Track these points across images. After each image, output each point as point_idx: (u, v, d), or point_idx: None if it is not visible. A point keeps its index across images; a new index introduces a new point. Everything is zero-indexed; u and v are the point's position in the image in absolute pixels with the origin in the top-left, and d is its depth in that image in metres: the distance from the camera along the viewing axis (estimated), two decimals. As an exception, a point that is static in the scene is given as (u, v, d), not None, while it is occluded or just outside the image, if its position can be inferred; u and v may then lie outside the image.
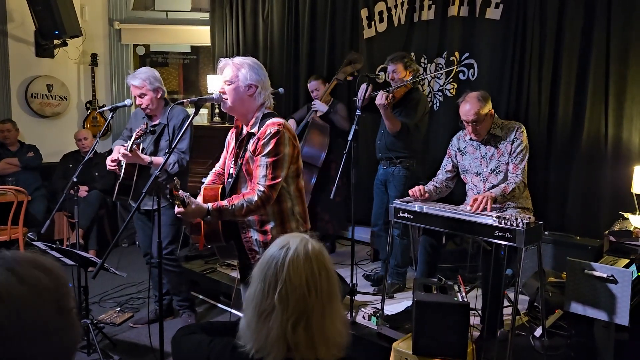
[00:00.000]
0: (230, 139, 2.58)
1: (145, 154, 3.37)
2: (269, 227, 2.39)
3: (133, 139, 3.23)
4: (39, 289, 0.78)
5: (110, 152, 6.21)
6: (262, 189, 2.27)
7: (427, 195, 3.10)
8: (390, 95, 3.60)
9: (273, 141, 2.27)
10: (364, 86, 3.67)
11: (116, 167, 3.37)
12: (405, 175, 3.78)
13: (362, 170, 4.76)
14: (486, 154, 3.14)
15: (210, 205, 2.25)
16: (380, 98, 3.56)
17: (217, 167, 2.67)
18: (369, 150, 4.74)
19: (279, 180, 2.29)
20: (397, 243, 3.76)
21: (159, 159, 3.34)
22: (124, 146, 3.30)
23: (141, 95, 3.39)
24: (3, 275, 0.78)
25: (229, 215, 2.29)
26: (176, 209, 2.22)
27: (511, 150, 3.05)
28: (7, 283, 0.77)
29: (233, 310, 3.91)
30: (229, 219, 2.33)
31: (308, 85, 4.78)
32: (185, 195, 2.19)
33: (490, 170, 3.12)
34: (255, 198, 2.26)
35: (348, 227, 5.24)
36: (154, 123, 3.48)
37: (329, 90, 4.61)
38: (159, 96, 3.41)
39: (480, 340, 2.85)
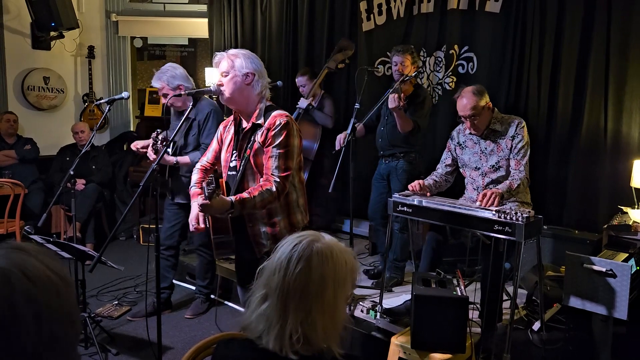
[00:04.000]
0: (225, 133, 2.55)
1: (176, 148, 3.49)
2: (277, 219, 2.39)
3: (151, 144, 3.24)
4: None
5: (109, 143, 6.26)
6: (277, 179, 2.28)
7: (427, 189, 3.09)
8: (403, 95, 3.58)
9: (284, 132, 2.29)
10: (339, 137, 3.81)
11: (144, 151, 3.39)
12: (409, 169, 3.80)
13: (360, 164, 4.73)
14: (486, 149, 3.13)
15: (233, 198, 2.22)
16: (393, 101, 3.50)
17: (204, 162, 2.62)
18: (363, 144, 4.71)
19: (290, 171, 2.32)
20: (396, 237, 3.75)
21: (185, 159, 3.42)
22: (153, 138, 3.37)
23: (164, 95, 3.45)
24: None
25: (251, 207, 2.27)
26: (200, 201, 2.15)
27: (512, 146, 3.03)
28: None
29: (231, 304, 3.92)
30: (249, 211, 2.32)
31: (296, 80, 4.69)
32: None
33: (490, 165, 3.10)
34: (274, 189, 2.27)
35: (336, 220, 5.25)
36: (182, 118, 3.49)
37: (320, 80, 4.54)
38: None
39: (479, 334, 2.85)
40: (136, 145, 3.45)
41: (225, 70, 2.33)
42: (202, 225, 2.42)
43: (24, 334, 0.69)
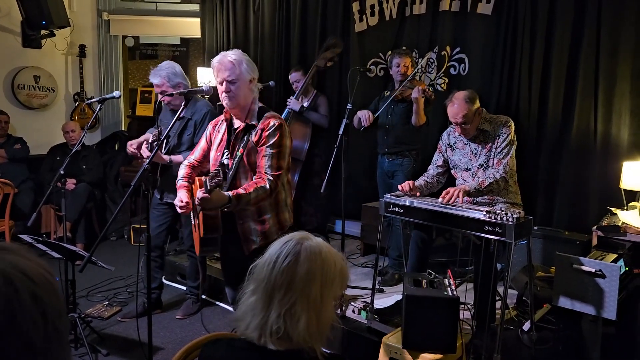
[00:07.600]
0: (215, 132, 2.59)
1: (169, 147, 3.46)
2: (266, 216, 2.47)
3: (150, 141, 3.23)
4: None
5: (100, 143, 6.22)
6: (271, 177, 2.37)
7: (417, 190, 3.10)
8: (429, 89, 3.66)
9: (278, 133, 2.39)
10: (364, 114, 3.85)
11: (136, 152, 3.39)
12: (414, 165, 3.91)
13: (352, 164, 4.74)
14: (475, 149, 3.14)
15: (230, 193, 2.30)
16: (417, 91, 3.64)
17: (192, 159, 2.67)
18: (355, 144, 4.72)
19: (282, 171, 2.42)
20: (399, 234, 3.76)
21: (179, 157, 3.40)
22: (153, 135, 3.37)
23: (162, 92, 3.42)
24: None
25: (245, 203, 2.35)
26: (200, 194, 2.23)
27: (497, 144, 3.06)
28: None
29: (221, 304, 3.91)
30: (243, 207, 2.38)
31: (289, 77, 4.68)
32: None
33: (479, 165, 3.11)
34: (267, 186, 2.36)
35: (331, 220, 5.25)
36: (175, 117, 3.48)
37: (309, 79, 4.56)
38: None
39: (470, 334, 2.85)
40: (131, 144, 3.41)
41: (233, 78, 2.39)
42: (190, 206, 2.46)
43: (34, 331, 0.72)
